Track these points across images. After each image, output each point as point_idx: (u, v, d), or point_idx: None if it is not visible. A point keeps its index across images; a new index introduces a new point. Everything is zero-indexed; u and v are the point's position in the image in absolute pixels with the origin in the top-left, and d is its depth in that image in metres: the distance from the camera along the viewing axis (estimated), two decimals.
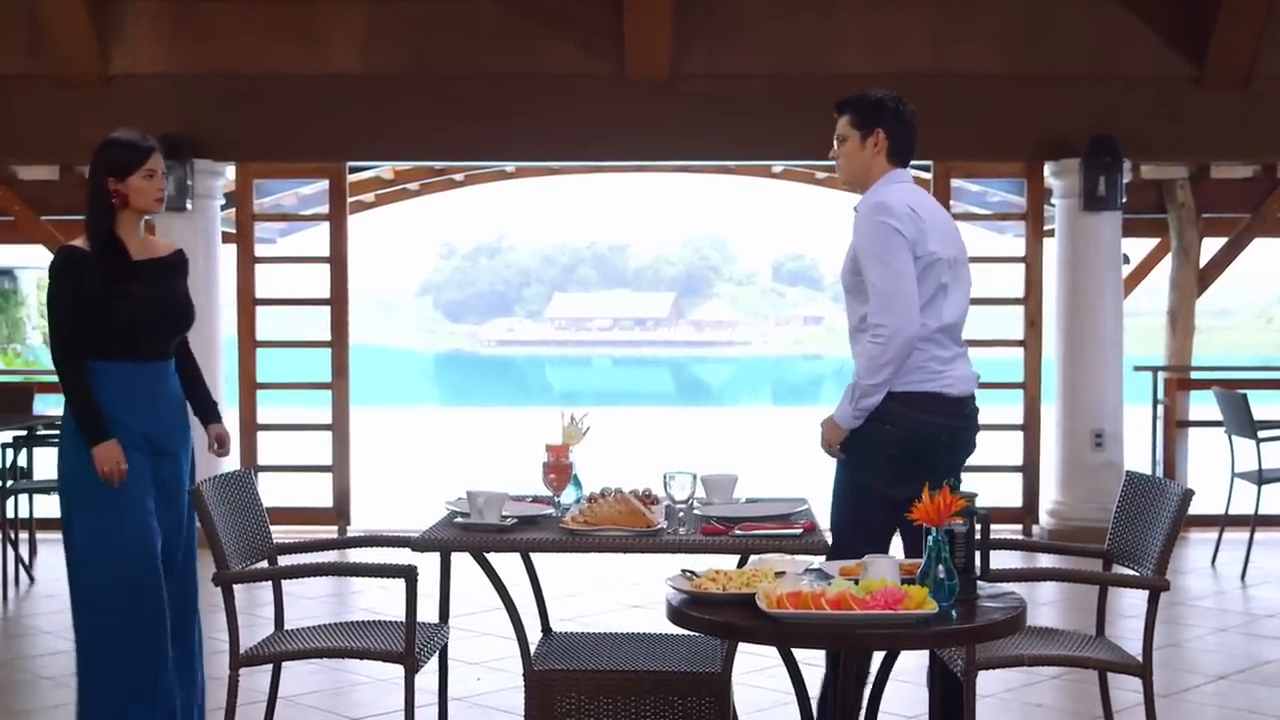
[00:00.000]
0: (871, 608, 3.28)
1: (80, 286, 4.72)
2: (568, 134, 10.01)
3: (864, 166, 4.89)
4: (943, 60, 9.85)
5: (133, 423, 4.78)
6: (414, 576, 4.37)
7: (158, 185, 4.86)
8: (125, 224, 4.83)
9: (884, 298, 4.57)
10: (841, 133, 4.96)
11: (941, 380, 4.67)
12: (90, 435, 4.70)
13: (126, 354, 4.79)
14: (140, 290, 4.81)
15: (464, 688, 6.10)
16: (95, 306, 4.72)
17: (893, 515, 4.23)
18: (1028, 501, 10.17)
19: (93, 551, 4.71)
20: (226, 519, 4.51)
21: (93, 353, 4.75)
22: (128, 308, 4.76)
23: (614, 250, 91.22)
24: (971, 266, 10.18)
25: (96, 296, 4.72)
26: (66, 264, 4.77)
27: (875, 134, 4.88)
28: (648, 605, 7.65)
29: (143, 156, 4.82)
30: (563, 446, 4.76)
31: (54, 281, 4.78)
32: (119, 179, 4.79)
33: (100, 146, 4.85)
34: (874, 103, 4.92)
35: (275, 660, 4.56)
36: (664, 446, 17.93)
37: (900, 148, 4.90)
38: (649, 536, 4.26)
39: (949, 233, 4.81)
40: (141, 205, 4.83)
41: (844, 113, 4.97)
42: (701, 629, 3.52)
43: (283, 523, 10.09)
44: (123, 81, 9.80)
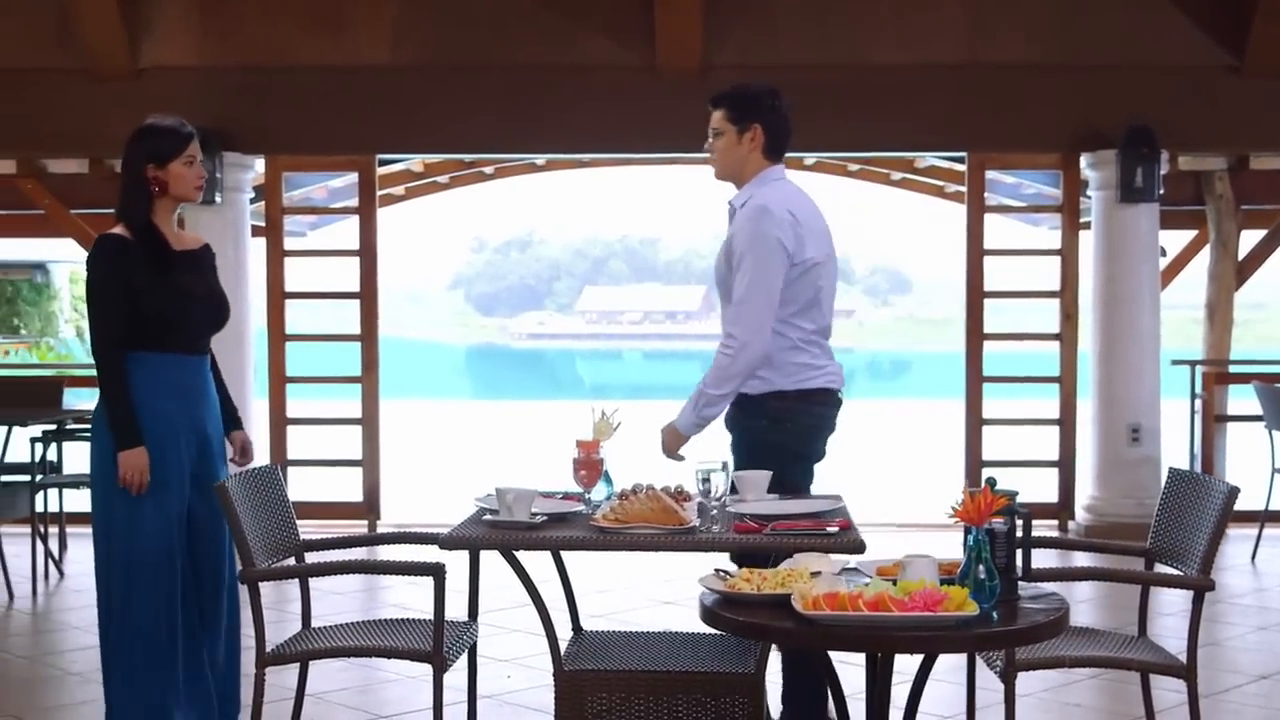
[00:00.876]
0: (910, 609, 3.20)
1: (124, 275, 4.62)
2: (598, 126, 9.93)
3: (739, 162, 4.95)
4: (977, 50, 9.74)
5: (177, 416, 4.71)
6: (442, 575, 4.30)
7: (198, 172, 4.78)
8: (161, 213, 4.75)
9: (744, 308, 4.70)
10: (717, 127, 4.96)
11: (826, 375, 4.88)
12: (120, 438, 4.62)
13: (173, 345, 4.72)
14: (185, 281, 4.74)
15: (494, 685, 6.03)
16: (141, 296, 4.63)
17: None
18: (1063, 497, 10.06)
19: (126, 547, 4.64)
20: (253, 516, 4.44)
21: (138, 344, 4.66)
22: (175, 298, 4.69)
23: (644, 243, 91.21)
24: (1007, 259, 10.25)
25: (142, 286, 4.63)
26: (108, 252, 4.67)
27: (752, 129, 4.91)
28: (680, 602, 7.57)
29: (183, 143, 4.73)
30: (593, 442, 4.67)
31: (95, 270, 4.68)
32: (159, 166, 4.70)
33: (138, 133, 4.75)
34: (752, 97, 4.94)
35: (302, 659, 4.50)
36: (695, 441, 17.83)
37: (776, 143, 4.97)
38: (681, 535, 4.18)
39: (824, 234, 4.94)
40: (181, 193, 4.74)
41: (720, 107, 4.97)
42: (735, 630, 3.44)
43: (313, 517, 10.07)
44: (152, 74, 9.77)
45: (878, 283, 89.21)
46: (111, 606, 4.71)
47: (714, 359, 4.77)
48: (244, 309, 9.69)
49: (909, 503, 11.14)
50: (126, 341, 4.64)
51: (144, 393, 4.65)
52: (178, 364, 4.74)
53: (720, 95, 4.96)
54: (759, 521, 4.29)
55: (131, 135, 4.77)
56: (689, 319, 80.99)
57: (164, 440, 4.66)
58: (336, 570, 4.64)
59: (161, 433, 4.66)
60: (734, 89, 4.97)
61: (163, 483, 4.66)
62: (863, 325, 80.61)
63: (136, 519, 4.64)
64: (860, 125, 9.87)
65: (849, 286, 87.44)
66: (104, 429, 4.69)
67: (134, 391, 4.64)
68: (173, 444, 4.69)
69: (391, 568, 4.51)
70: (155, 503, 4.64)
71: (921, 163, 12.36)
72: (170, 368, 4.72)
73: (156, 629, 4.65)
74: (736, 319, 4.71)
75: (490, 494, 4.51)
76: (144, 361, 4.66)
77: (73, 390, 10.13)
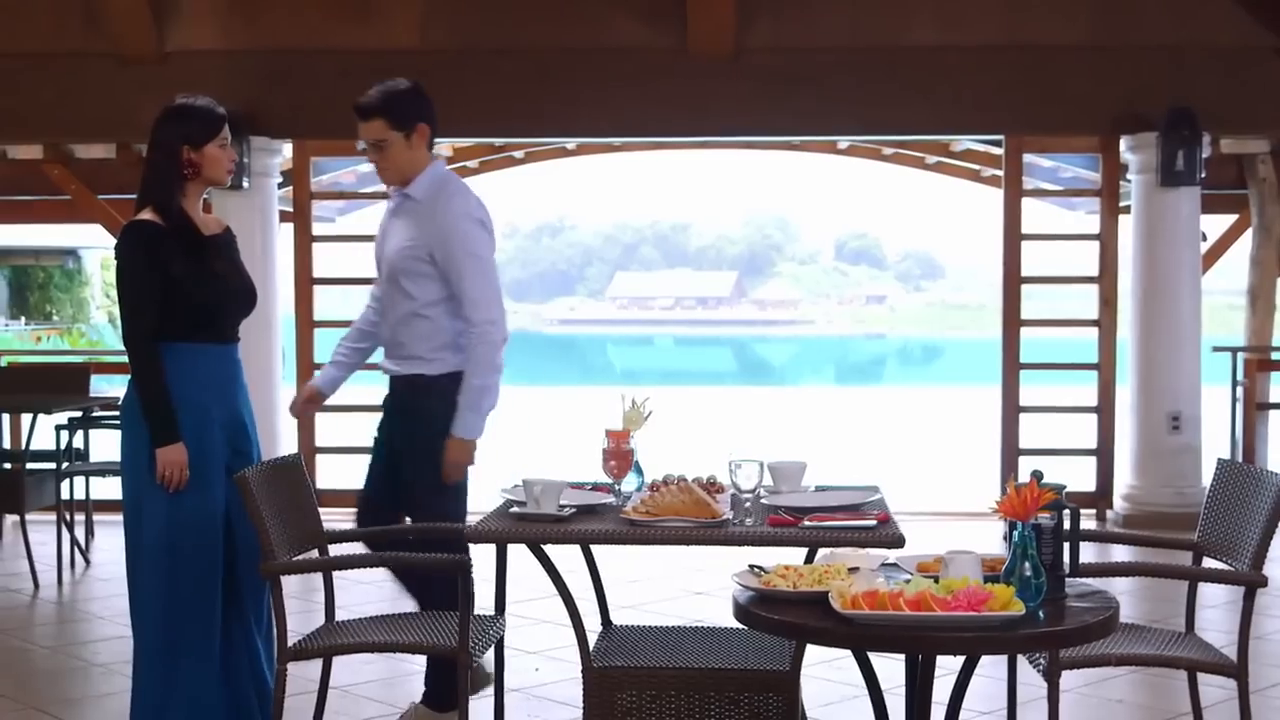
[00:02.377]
0: (954, 609, 3.06)
1: (160, 264, 4.46)
2: (629, 109, 9.80)
3: (411, 163, 5.02)
4: (1016, 31, 9.57)
5: (215, 407, 4.59)
6: (468, 570, 4.18)
7: (231, 155, 4.64)
8: (189, 197, 4.60)
9: (488, 293, 4.95)
10: (380, 138, 4.97)
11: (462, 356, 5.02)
12: (158, 434, 4.47)
13: (209, 335, 4.59)
14: (218, 267, 4.61)
15: (522, 678, 5.93)
16: (176, 285, 4.48)
17: None
18: (1102, 486, 9.90)
19: (162, 540, 4.50)
20: (274, 507, 4.32)
21: (174, 334, 4.51)
22: (210, 286, 4.55)
23: (676, 229, 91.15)
24: (1043, 244, 10.08)
25: (177, 275, 4.48)
26: (142, 241, 4.50)
27: (419, 129, 4.97)
28: (711, 592, 7.45)
29: (219, 125, 4.60)
30: (623, 432, 4.54)
31: (127, 259, 4.52)
32: (195, 148, 4.54)
33: (171, 113, 4.58)
34: (408, 99, 5.01)
35: (325, 654, 4.39)
36: (727, 427, 17.76)
37: (435, 133, 5.08)
38: (714, 528, 4.05)
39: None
40: (215, 176, 4.59)
41: (375, 117, 4.97)
42: (770, 629, 3.31)
43: (342, 506, 9.95)
44: (178, 58, 9.68)
45: (909, 268, 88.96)
46: (144, 600, 4.59)
47: (470, 351, 4.92)
48: (272, 295, 9.60)
49: (943, 491, 11.02)
50: (164, 333, 4.50)
51: (179, 385, 4.50)
52: (212, 353, 4.61)
53: (370, 106, 4.97)
54: (794, 514, 4.17)
55: (163, 115, 4.59)
56: (720, 305, 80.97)
57: (200, 432, 4.53)
58: (360, 564, 4.53)
59: (197, 425, 4.52)
60: (382, 96, 4.98)
61: (200, 474, 4.52)
62: (894, 311, 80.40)
63: (173, 512, 4.50)
64: (895, 108, 9.72)
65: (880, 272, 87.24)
66: (136, 420, 4.55)
67: (171, 384, 4.50)
68: (209, 435, 4.55)
69: (416, 562, 4.41)
70: (193, 495, 4.51)
71: (957, 146, 12.19)
72: (204, 357, 4.58)
73: (195, 622, 4.53)
74: (488, 305, 4.94)
75: (517, 485, 4.40)
76: (178, 352, 4.52)
77: (103, 376, 10.08)
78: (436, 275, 4.94)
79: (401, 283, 4.99)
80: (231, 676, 4.64)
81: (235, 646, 4.66)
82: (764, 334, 72.23)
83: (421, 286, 4.96)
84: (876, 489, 4.62)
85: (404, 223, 5.02)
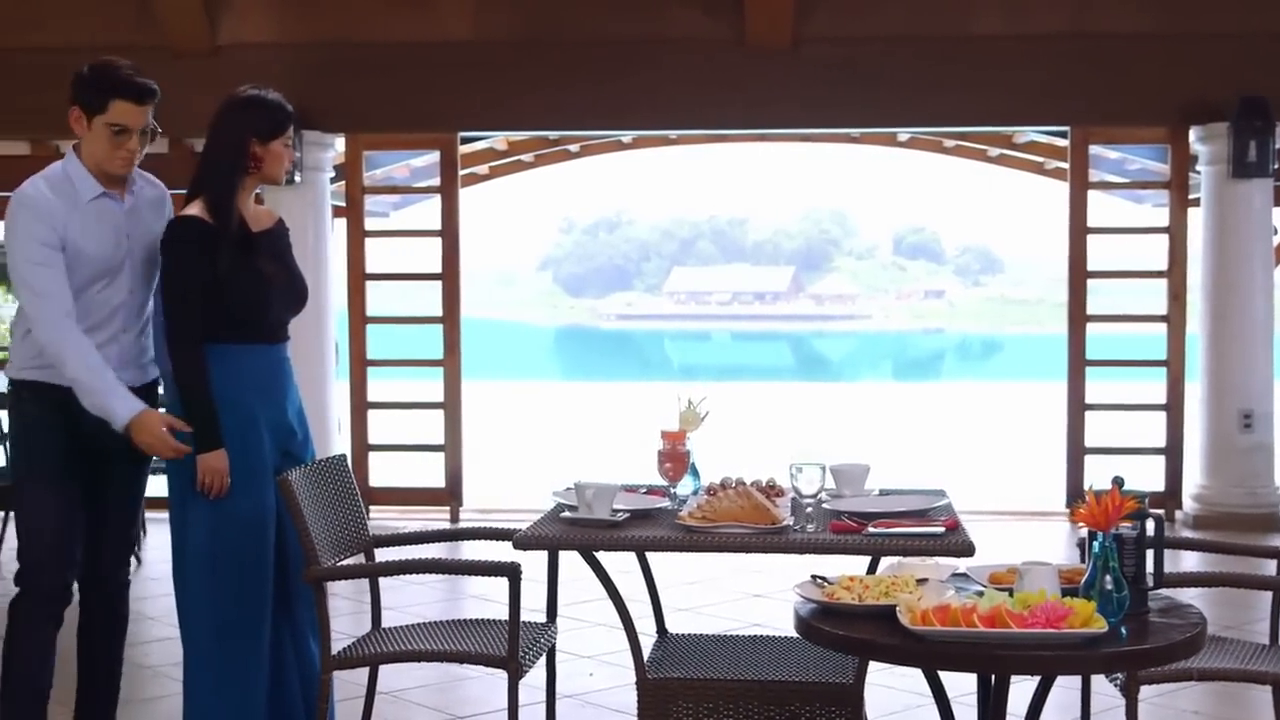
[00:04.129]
0: (1031, 626, 2.88)
1: (206, 261, 4.29)
2: (686, 102, 9.64)
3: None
4: (1082, 20, 9.34)
5: (261, 409, 4.43)
6: (518, 575, 4.03)
7: (291, 155, 4.50)
8: (243, 192, 4.42)
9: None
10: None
11: None
12: (201, 439, 4.31)
13: (255, 335, 4.42)
14: (266, 265, 4.44)
15: (576, 684, 5.78)
16: (224, 284, 4.31)
17: None
18: (1171, 485, 9.65)
19: (208, 544, 4.36)
20: (318, 510, 4.18)
21: (219, 335, 4.35)
22: (258, 285, 4.38)
23: (733, 224, 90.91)
24: (1112, 238, 9.84)
25: (225, 273, 4.30)
26: (188, 237, 4.32)
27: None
28: (770, 595, 7.29)
29: (288, 121, 4.43)
30: (679, 433, 4.37)
31: (172, 256, 4.35)
32: (261, 142, 4.35)
33: (239, 103, 4.38)
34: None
35: (369, 663, 4.26)
36: (785, 425, 17.57)
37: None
38: (773, 535, 3.88)
39: None
40: (273, 174, 4.41)
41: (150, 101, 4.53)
42: (834, 645, 3.13)
43: (394, 503, 9.92)
44: (230, 51, 9.60)
45: (968, 262, 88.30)
46: (192, 605, 4.45)
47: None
48: (324, 291, 9.50)
49: (1007, 490, 10.81)
50: (209, 333, 4.34)
51: (225, 387, 4.34)
52: (259, 354, 4.45)
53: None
54: (858, 520, 3.99)
55: (229, 104, 4.39)
56: (777, 299, 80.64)
57: (245, 435, 4.37)
58: (406, 570, 4.39)
59: (243, 428, 4.37)
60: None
61: (246, 478, 4.37)
62: (953, 306, 79.83)
63: (218, 517, 4.36)
64: (958, 99, 9.50)
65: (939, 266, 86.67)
66: (182, 414, 4.41)
67: (214, 386, 4.33)
68: (254, 439, 4.39)
69: (464, 568, 4.28)
70: (239, 500, 4.35)
71: (1021, 138, 11.95)
72: (252, 358, 4.43)
73: (243, 627, 4.39)
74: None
75: (569, 489, 4.24)
76: (225, 354, 4.36)
77: None
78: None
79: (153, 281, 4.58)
80: (281, 683, 4.50)
81: (285, 652, 4.53)
82: (821, 329, 71.93)
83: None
84: (943, 493, 4.43)
85: (151, 215, 4.56)
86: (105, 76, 4.35)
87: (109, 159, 4.36)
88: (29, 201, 4.31)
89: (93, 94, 4.33)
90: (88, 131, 4.35)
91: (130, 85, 4.33)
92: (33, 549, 4.42)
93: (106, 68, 4.38)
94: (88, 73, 4.37)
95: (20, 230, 4.29)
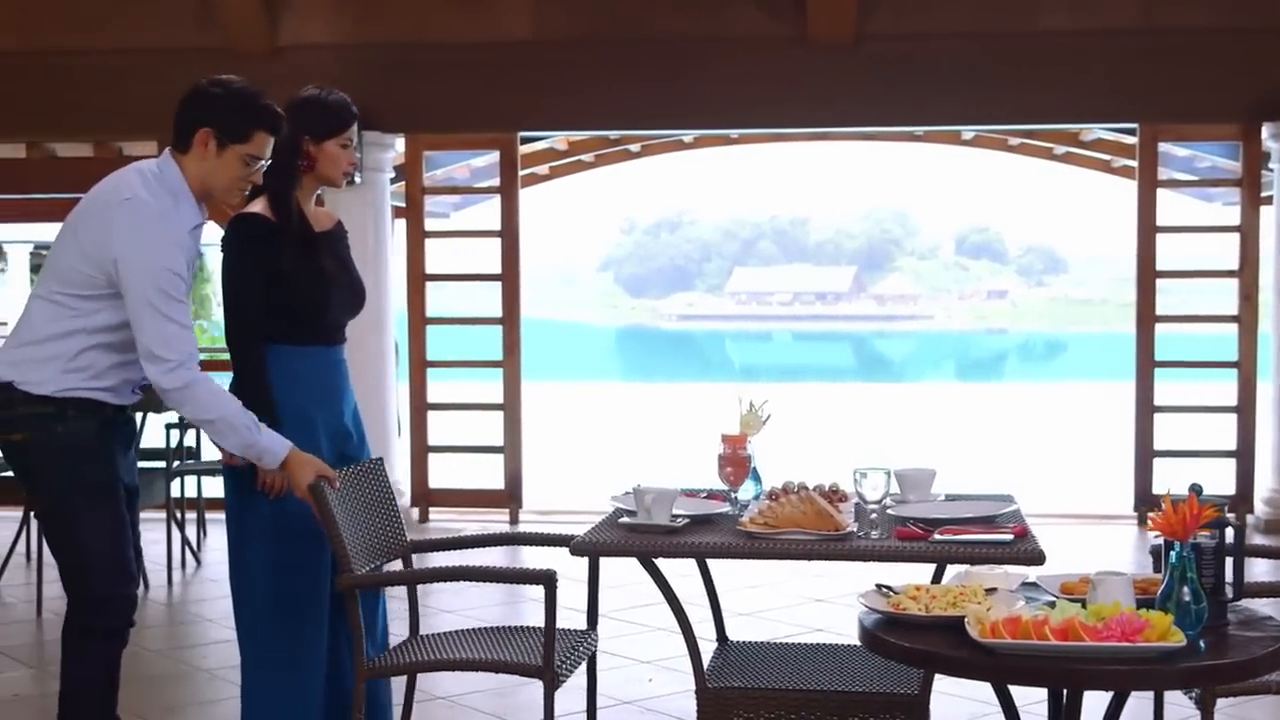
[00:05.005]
0: (1105, 639, 2.77)
1: (266, 261, 4.24)
2: (747, 100, 9.53)
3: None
4: (1151, 14, 9.16)
5: (319, 412, 4.37)
6: (553, 584, 3.91)
7: (350, 158, 4.38)
8: (303, 192, 4.36)
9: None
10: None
11: None
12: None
13: (314, 336, 4.36)
14: (326, 265, 4.37)
15: (634, 689, 5.70)
16: (281, 283, 4.25)
17: None
18: (1241, 489, 9.45)
19: (266, 547, 4.30)
20: (352, 516, 4.08)
21: (278, 335, 4.29)
22: (318, 286, 4.32)
23: (794, 224, 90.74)
24: (1179, 236, 9.65)
25: (282, 272, 4.24)
26: (248, 234, 4.27)
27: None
28: (832, 599, 7.19)
29: (343, 122, 4.34)
30: (740, 436, 4.28)
31: (233, 254, 4.29)
32: (315, 141, 4.30)
33: (296, 104, 4.32)
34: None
35: (401, 673, 4.16)
36: (847, 426, 17.44)
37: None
38: (837, 541, 3.79)
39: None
40: (329, 174, 4.35)
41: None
42: (900, 658, 3.03)
43: (454, 505, 9.89)
44: (290, 52, 9.58)
45: (1031, 262, 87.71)
46: (248, 608, 4.39)
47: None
48: (384, 292, 9.47)
49: (1074, 492, 10.66)
50: (268, 334, 4.28)
51: (282, 388, 4.28)
52: (317, 356, 4.40)
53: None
54: (923, 526, 3.89)
55: (290, 103, 4.34)
56: (839, 300, 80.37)
57: (304, 437, 4.30)
58: (440, 577, 4.32)
59: (302, 429, 4.29)
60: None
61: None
62: (1016, 306, 79.27)
63: (277, 519, 4.30)
64: (1023, 96, 9.35)
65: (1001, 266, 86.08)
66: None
67: (273, 387, 4.27)
68: (313, 440, 4.32)
69: (497, 575, 4.21)
70: (297, 502, 4.29)
71: (1088, 135, 11.77)
72: (308, 360, 4.37)
73: (300, 632, 4.33)
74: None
75: (628, 493, 4.15)
76: (282, 354, 4.30)
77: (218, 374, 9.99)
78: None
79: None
80: (337, 689, 4.45)
81: (341, 655, 4.47)
82: (883, 329, 71.61)
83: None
84: (1011, 498, 4.32)
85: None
86: (249, 104, 4.10)
87: (230, 189, 4.16)
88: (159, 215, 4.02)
89: (237, 121, 4.07)
90: (215, 157, 4.08)
91: (276, 117, 4.13)
92: (99, 573, 4.13)
93: (247, 94, 4.12)
94: (225, 95, 4.09)
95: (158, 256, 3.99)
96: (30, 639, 6.81)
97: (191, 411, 4.00)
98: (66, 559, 4.18)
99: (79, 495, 4.12)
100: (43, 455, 4.11)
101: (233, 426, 3.98)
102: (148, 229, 3.97)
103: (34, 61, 9.69)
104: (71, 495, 4.13)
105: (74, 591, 4.16)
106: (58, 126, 10.17)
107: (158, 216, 3.99)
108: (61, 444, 4.10)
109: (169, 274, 3.95)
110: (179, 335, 3.95)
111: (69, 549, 4.17)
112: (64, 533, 4.16)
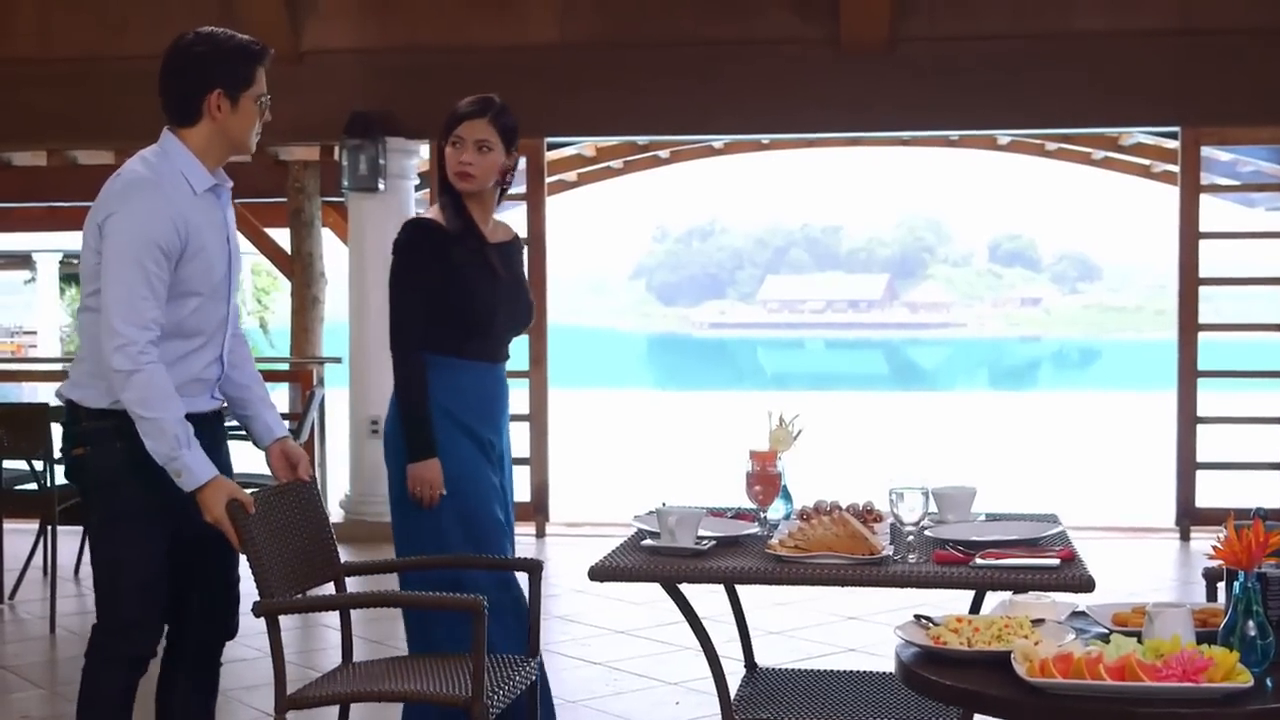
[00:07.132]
0: (1166, 679, 2.55)
1: (431, 267, 4.13)
2: (779, 105, 9.33)
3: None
4: (1191, 15, 8.92)
5: (480, 429, 4.23)
6: (481, 611, 3.60)
7: (459, 156, 4.19)
8: (482, 200, 4.26)
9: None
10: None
11: None
12: (413, 448, 4.12)
13: (480, 351, 4.24)
14: (497, 276, 4.23)
15: (661, 713, 5.50)
16: (447, 292, 4.13)
17: None
18: None
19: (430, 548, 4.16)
20: (276, 538, 3.81)
21: (445, 346, 4.17)
22: (488, 291, 4.19)
23: (827, 232, 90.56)
24: (1221, 243, 9.41)
25: (450, 281, 4.13)
26: (419, 240, 4.16)
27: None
28: (865, 618, 6.97)
29: (450, 122, 4.24)
30: (770, 453, 4.06)
31: (403, 257, 4.16)
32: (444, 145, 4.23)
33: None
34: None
35: (324, 704, 3.86)
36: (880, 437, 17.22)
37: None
38: (871, 566, 3.58)
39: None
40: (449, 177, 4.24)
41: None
42: (940, 696, 2.81)
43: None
44: (314, 58, 9.41)
45: (1065, 269, 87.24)
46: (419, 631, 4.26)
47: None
48: None
49: (1113, 504, 10.42)
50: (431, 343, 4.16)
51: (444, 399, 4.15)
52: (480, 372, 4.26)
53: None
54: (963, 550, 3.67)
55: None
56: (871, 307, 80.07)
57: (461, 448, 4.19)
58: (364, 603, 4.15)
59: (460, 441, 4.19)
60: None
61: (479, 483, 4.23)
62: (1049, 313, 78.84)
63: (443, 532, 4.17)
64: (1061, 100, 9.11)
65: (1035, 274, 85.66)
66: (396, 436, 4.20)
67: (434, 397, 4.14)
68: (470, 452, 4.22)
69: (422, 601, 4.01)
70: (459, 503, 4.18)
71: (1127, 140, 11.52)
72: (472, 375, 4.23)
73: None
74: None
75: (651, 513, 3.94)
76: (452, 368, 4.18)
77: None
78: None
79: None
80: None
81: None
82: (916, 337, 71.31)
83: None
84: (1055, 518, 4.10)
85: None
86: (236, 48, 3.83)
87: (252, 136, 3.85)
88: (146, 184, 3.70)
89: (238, 66, 3.80)
90: (233, 113, 3.78)
91: (263, 49, 3.88)
92: (130, 594, 3.80)
93: (229, 41, 3.85)
94: (213, 51, 3.81)
95: (139, 223, 3.65)
96: (43, 657, 6.64)
97: (129, 400, 3.60)
98: (102, 575, 3.89)
99: (126, 514, 3.79)
100: (101, 471, 3.80)
101: (163, 432, 3.59)
102: (134, 196, 3.66)
103: (54, 68, 9.58)
104: (118, 513, 3.81)
105: (103, 610, 3.88)
106: (78, 133, 10.06)
107: (150, 185, 3.68)
108: (119, 460, 3.75)
109: (150, 244, 3.61)
110: (140, 310, 3.58)
111: (107, 567, 3.88)
112: (106, 550, 3.87)
